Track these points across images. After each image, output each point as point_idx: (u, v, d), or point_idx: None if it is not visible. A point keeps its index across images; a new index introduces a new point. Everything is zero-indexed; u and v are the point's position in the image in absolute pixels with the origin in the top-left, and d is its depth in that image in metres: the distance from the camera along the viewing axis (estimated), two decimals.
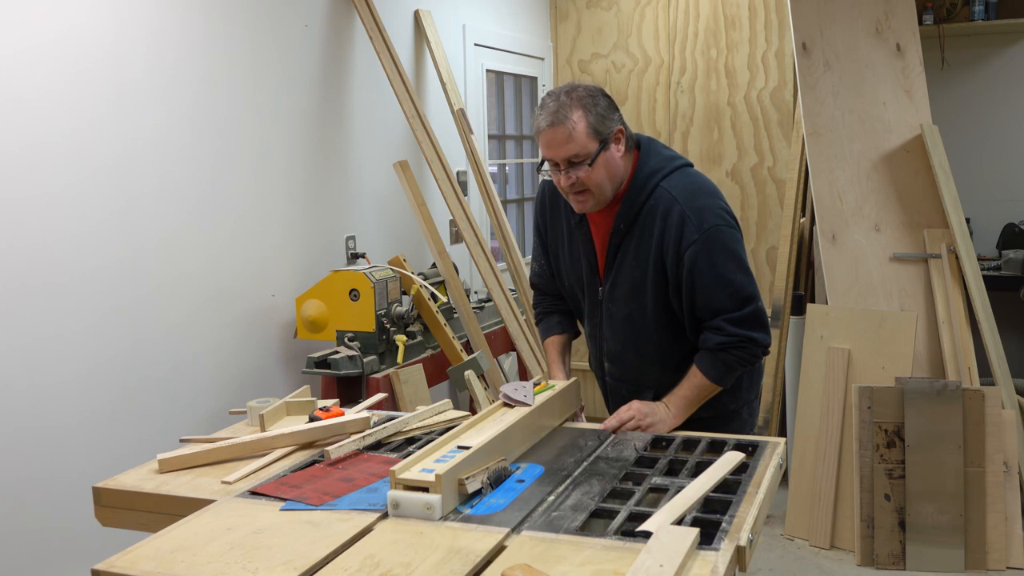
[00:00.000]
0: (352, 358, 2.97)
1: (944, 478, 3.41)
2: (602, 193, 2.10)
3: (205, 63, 2.81)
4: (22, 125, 2.28)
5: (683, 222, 2.06)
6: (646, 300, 2.15)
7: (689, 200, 2.09)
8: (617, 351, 2.26)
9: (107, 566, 1.41)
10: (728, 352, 2.10)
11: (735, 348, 2.09)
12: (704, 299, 2.08)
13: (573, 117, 2.02)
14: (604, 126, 2.05)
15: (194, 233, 2.80)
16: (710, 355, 2.12)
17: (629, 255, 2.15)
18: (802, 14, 4.06)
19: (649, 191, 2.11)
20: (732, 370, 2.13)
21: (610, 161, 2.08)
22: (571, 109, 2.02)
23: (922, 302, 3.82)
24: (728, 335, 2.08)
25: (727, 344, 2.09)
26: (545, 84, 5.10)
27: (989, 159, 5.02)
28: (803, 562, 3.56)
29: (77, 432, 2.45)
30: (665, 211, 2.09)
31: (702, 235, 2.05)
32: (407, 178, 3.45)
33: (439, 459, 1.68)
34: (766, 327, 2.13)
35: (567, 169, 2.05)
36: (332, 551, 1.44)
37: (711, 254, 2.06)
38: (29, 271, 2.31)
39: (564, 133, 2.02)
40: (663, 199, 2.10)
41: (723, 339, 2.09)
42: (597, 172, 2.06)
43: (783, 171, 4.61)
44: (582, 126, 2.02)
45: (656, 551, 1.35)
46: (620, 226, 2.15)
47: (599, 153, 2.04)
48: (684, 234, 2.06)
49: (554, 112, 2.03)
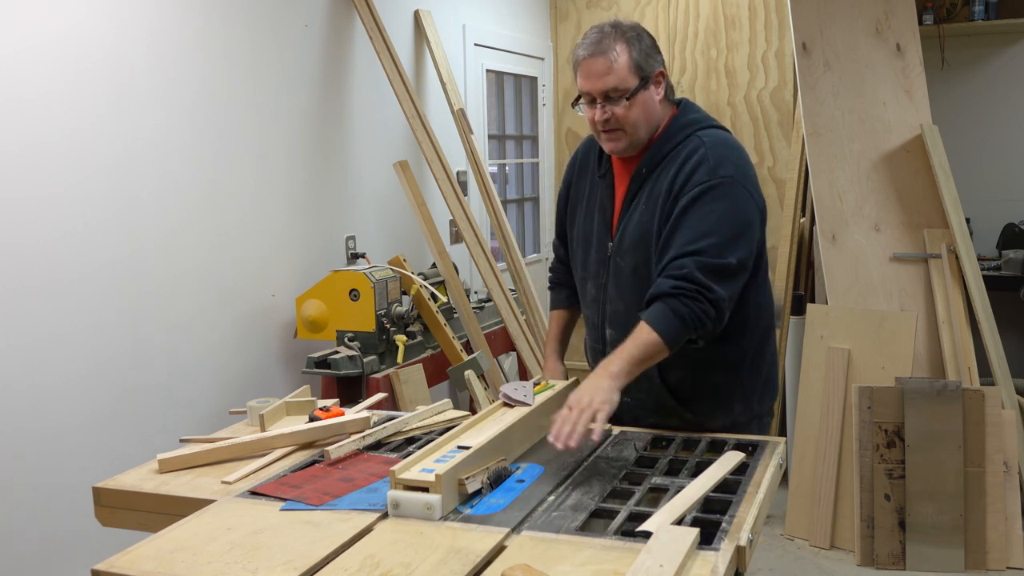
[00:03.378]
0: (352, 358, 2.97)
1: (944, 478, 3.41)
2: (636, 134, 2.01)
3: (205, 63, 2.81)
4: (22, 125, 2.28)
5: (700, 164, 1.96)
6: (652, 248, 2.01)
7: (716, 147, 1.99)
8: (621, 311, 2.10)
9: (107, 566, 1.41)
10: (680, 300, 1.87)
11: (689, 297, 1.87)
12: (684, 237, 1.91)
13: (616, 48, 1.95)
14: (647, 64, 1.98)
15: (194, 233, 2.80)
16: (660, 304, 1.88)
17: (643, 200, 2.03)
18: (802, 14, 4.06)
19: (681, 139, 2.02)
20: (683, 325, 1.87)
21: (648, 102, 2.00)
22: (615, 41, 1.96)
23: (922, 302, 3.82)
24: (688, 279, 1.87)
25: (682, 290, 1.87)
26: (545, 84, 5.10)
27: (989, 159, 5.02)
28: (803, 562, 3.56)
29: (77, 432, 2.45)
30: (689, 153, 1.99)
31: (713, 179, 1.94)
32: (407, 178, 3.45)
33: (439, 459, 1.68)
34: (729, 286, 1.92)
35: (604, 103, 1.98)
36: (332, 551, 1.44)
37: (711, 201, 1.93)
38: (29, 271, 2.31)
39: (605, 64, 1.95)
40: (692, 143, 2.00)
41: (680, 284, 1.87)
42: (634, 110, 1.98)
43: (783, 171, 4.61)
44: (624, 59, 1.95)
45: (656, 551, 1.35)
46: (642, 170, 2.05)
47: (638, 91, 1.97)
48: (695, 175, 1.95)
49: (596, 42, 1.96)
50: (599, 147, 2.17)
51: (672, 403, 2.10)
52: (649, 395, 2.10)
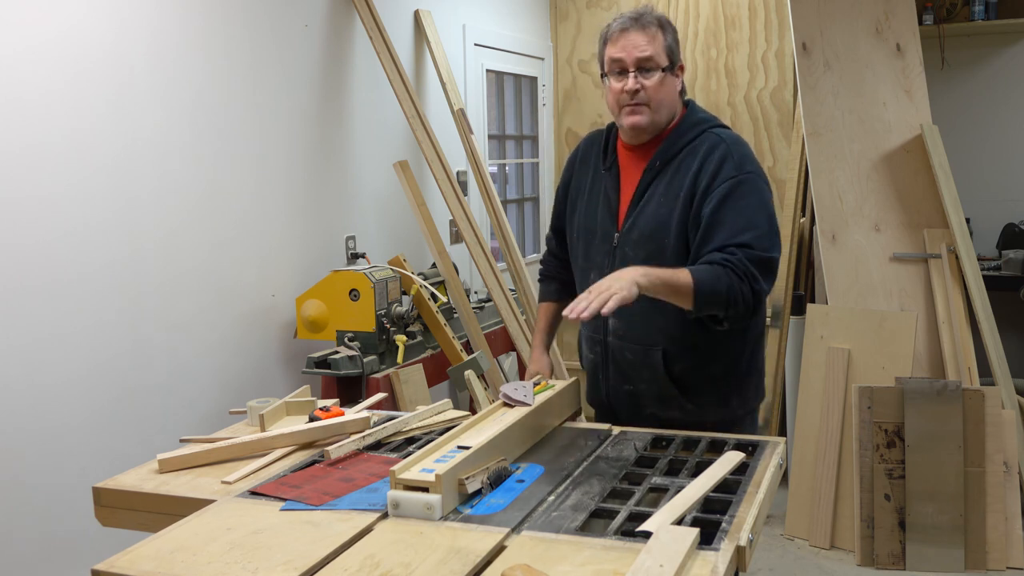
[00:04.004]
0: (352, 358, 2.97)
1: (944, 478, 3.41)
2: (658, 113, 2.12)
3: (205, 63, 2.81)
4: (22, 125, 2.28)
5: (725, 159, 2.08)
6: (668, 240, 2.09)
7: (736, 146, 2.12)
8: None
9: (107, 566, 1.41)
10: (729, 272, 1.95)
11: (738, 276, 1.96)
12: (728, 230, 2.01)
13: (655, 27, 2.11)
14: (675, 52, 2.14)
15: (194, 233, 2.80)
16: (710, 266, 1.97)
17: (658, 192, 2.12)
18: (802, 14, 4.06)
19: (695, 134, 2.14)
20: (723, 291, 1.95)
21: (672, 87, 2.13)
22: (654, 21, 2.11)
23: (922, 302, 3.82)
24: (737, 261, 1.97)
25: (733, 267, 1.96)
26: (545, 84, 5.10)
27: (989, 159, 5.02)
28: (803, 562, 3.56)
29: (77, 432, 2.45)
30: (709, 148, 2.10)
31: (741, 174, 2.06)
32: (407, 178, 3.45)
33: (439, 459, 1.68)
34: (771, 281, 2.03)
35: (637, 72, 2.09)
36: (332, 551, 1.44)
37: (744, 196, 2.05)
38: (29, 271, 2.31)
39: (646, 37, 2.09)
40: (709, 139, 2.12)
41: (730, 259, 1.97)
42: (662, 90, 2.10)
43: (783, 171, 4.61)
44: (661, 39, 2.11)
45: (656, 551, 1.35)
46: (656, 163, 2.14)
47: (667, 71, 2.11)
48: (723, 170, 2.06)
49: (636, 18, 2.11)
50: (604, 141, 2.27)
51: (674, 393, 2.15)
52: (652, 384, 2.16)
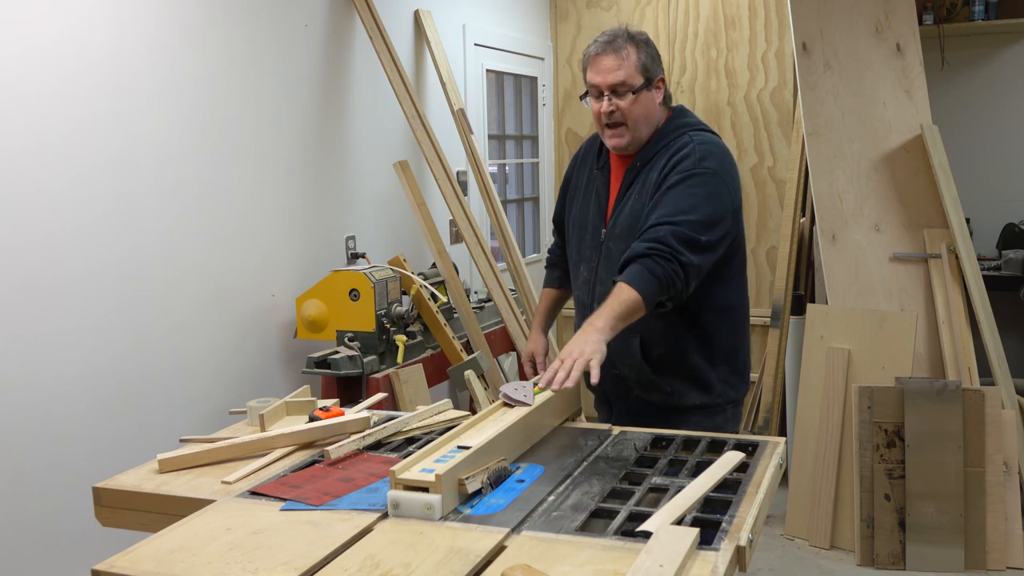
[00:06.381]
0: (352, 358, 2.97)
1: (944, 478, 3.41)
2: (637, 131, 2.22)
3: (205, 63, 2.81)
4: (21, 123, 2.28)
5: (688, 156, 2.16)
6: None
7: (704, 144, 2.19)
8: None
9: (107, 566, 1.41)
10: (654, 259, 2.02)
11: (662, 257, 2.02)
12: (664, 210, 2.09)
13: (627, 48, 2.19)
14: (652, 68, 2.22)
15: (194, 232, 2.80)
16: (636, 265, 2.04)
17: (636, 189, 2.23)
18: (802, 14, 4.06)
19: (674, 137, 2.23)
20: (658, 283, 2.02)
21: (649, 103, 2.22)
22: (627, 42, 2.19)
23: (922, 302, 3.82)
24: (662, 243, 2.03)
25: (656, 251, 2.03)
26: (545, 84, 5.10)
27: (989, 159, 5.02)
28: (803, 562, 3.56)
29: (77, 431, 2.45)
30: (679, 147, 2.19)
31: (698, 168, 2.14)
32: (407, 178, 3.45)
33: (439, 459, 1.68)
34: (701, 256, 2.07)
35: (610, 95, 2.19)
36: (332, 551, 1.44)
37: (694, 186, 2.12)
38: (28, 269, 2.31)
39: (616, 61, 2.18)
40: (682, 140, 2.21)
41: (654, 245, 2.03)
42: (637, 107, 2.19)
43: (783, 171, 4.61)
44: (633, 59, 2.18)
45: (656, 551, 1.35)
46: (636, 163, 2.26)
47: (642, 89, 2.19)
48: (682, 163, 2.15)
49: (610, 42, 2.20)
50: (600, 142, 2.38)
51: (652, 378, 2.27)
52: (632, 368, 2.28)
